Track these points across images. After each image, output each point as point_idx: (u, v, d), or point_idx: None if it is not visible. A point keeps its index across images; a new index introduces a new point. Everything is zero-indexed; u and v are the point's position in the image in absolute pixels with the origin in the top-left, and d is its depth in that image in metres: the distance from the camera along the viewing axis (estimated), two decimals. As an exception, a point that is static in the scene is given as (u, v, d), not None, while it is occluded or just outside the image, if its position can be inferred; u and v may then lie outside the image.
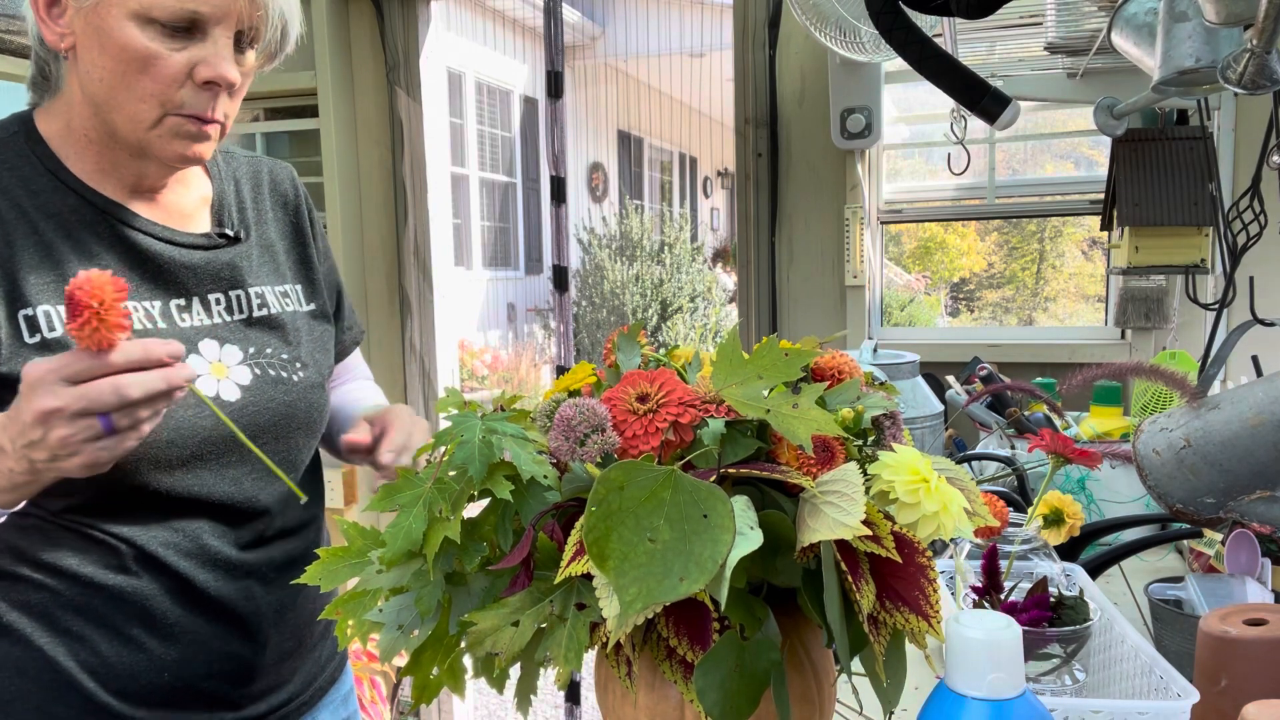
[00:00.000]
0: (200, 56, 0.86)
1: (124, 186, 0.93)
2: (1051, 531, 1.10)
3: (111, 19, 0.83)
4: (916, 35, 1.19)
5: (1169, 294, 2.23)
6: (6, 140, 0.90)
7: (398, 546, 0.59)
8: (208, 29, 0.86)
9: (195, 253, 0.96)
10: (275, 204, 1.08)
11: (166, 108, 0.86)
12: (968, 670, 0.56)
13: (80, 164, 0.91)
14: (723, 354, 0.60)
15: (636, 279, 9.30)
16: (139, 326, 0.90)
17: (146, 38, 0.84)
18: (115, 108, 0.87)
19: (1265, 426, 0.81)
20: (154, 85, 0.85)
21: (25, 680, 0.89)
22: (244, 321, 0.98)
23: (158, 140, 0.88)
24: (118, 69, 0.85)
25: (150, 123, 0.87)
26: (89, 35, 0.85)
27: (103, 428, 0.73)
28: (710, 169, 14.56)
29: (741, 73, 2.59)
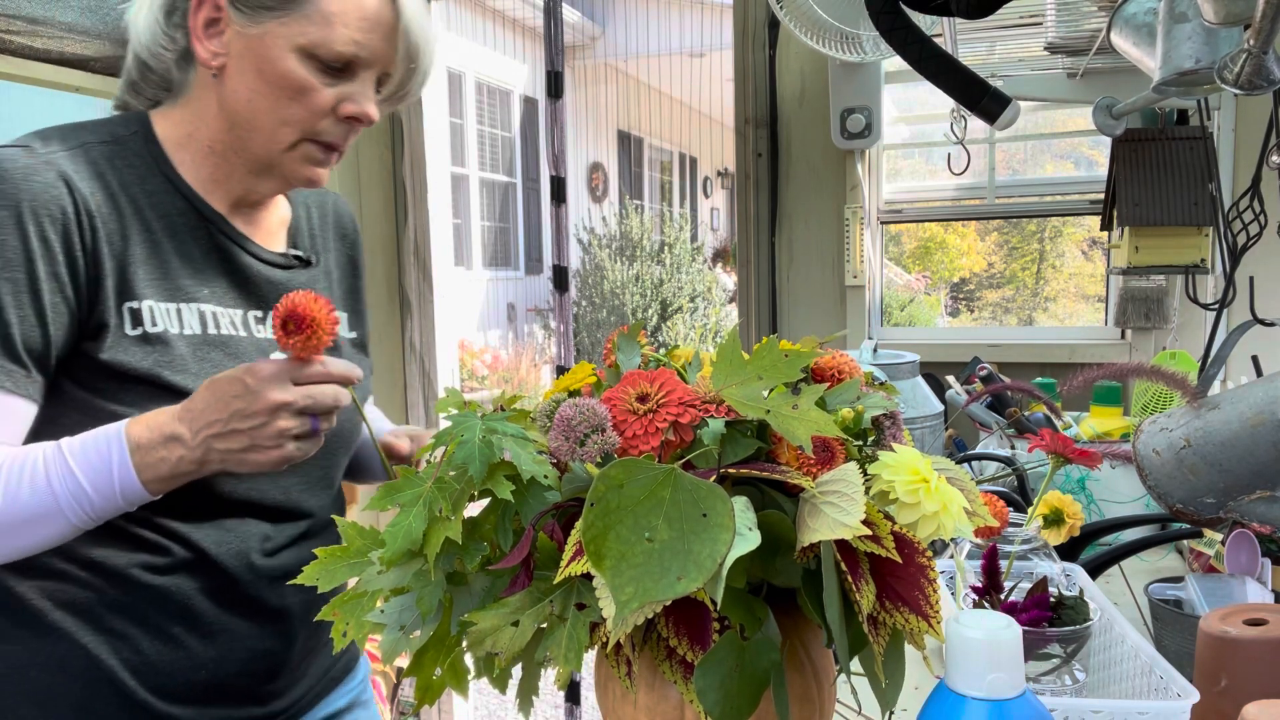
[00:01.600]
0: (348, 93, 0.93)
1: (228, 199, 0.99)
2: (1051, 531, 1.10)
3: (276, 49, 0.90)
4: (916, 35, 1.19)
5: (1169, 294, 2.23)
6: (127, 139, 0.94)
7: (398, 546, 0.59)
8: (358, 71, 0.93)
9: (276, 270, 1.02)
10: (336, 235, 1.15)
11: (306, 134, 0.93)
12: (968, 670, 0.56)
13: (193, 171, 0.96)
14: (723, 354, 0.60)
15: (636, 279, 9.30)
16: (226, 331, 0.96)
17: (306, 71, 0.91)
18: (257, 128, 0.93)
19: (1265, 426, 0.81)
20: (302, 113, 0.92)
21: (66, 677, 0.90)
22: None
23: (288, 161, 0.95)
24: (271, 94, 0.91)
25: (287, 145, 0.94)
26: (246, 59, 0.91)
27: (311, 427, 0.81)
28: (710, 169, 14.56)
29: (741, 73, 2.59)
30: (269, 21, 0.90)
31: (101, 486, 0.82)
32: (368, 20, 0.91)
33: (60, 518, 0.82)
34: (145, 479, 0.82)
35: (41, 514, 0.82)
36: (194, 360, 0.91)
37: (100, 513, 0.83)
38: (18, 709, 0.90)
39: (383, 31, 0.93)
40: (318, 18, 0.90)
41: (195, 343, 0.92)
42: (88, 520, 0.83)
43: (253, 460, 0.82)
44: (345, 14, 0.90)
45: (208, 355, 0.93)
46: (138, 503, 0.84)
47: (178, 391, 0.89)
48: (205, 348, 0.93)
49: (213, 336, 0.94)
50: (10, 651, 0.91)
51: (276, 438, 0.80)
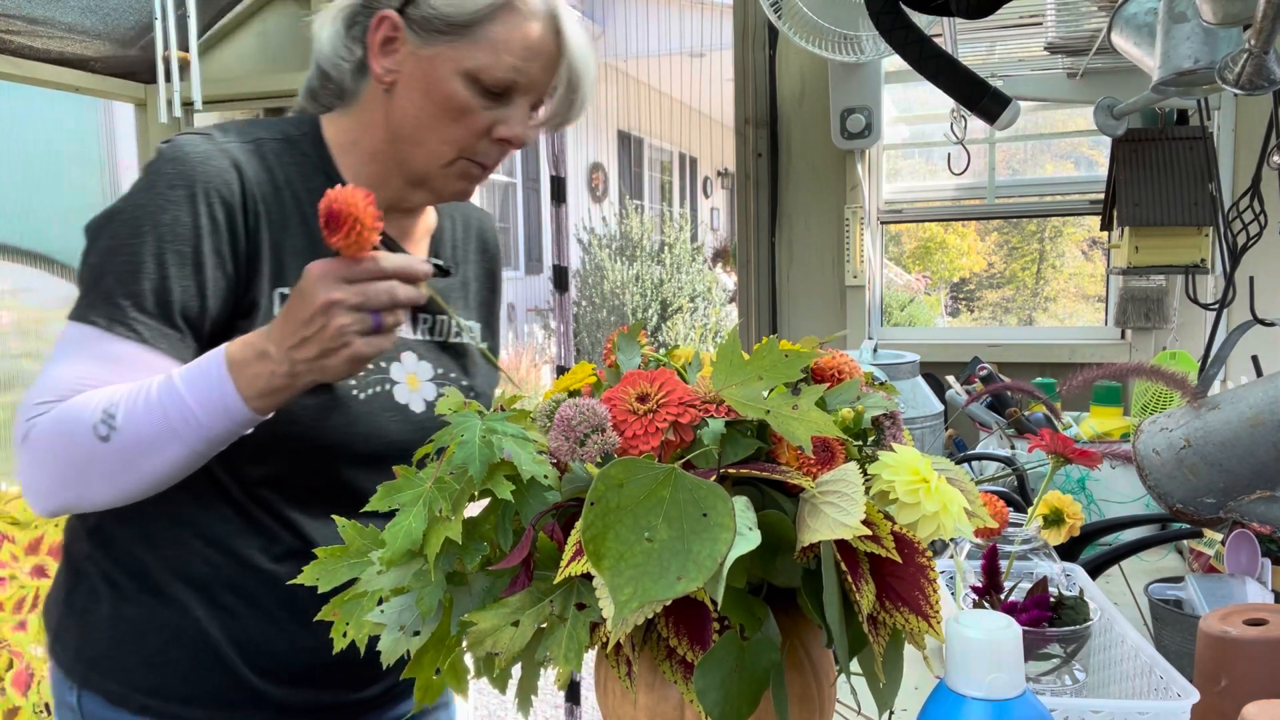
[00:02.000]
0: (504, 117, 0.98)
1: (383, 204, 1.01)
2: (1051, 531, 1.10)
3: (444, 71, 0.95)
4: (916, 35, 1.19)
5: (1169, 294, 2.23)
6: (298, 139, 1.01)
7: (398, 546, 0.59)
8: (515, 96, 0.98)
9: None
10: (478, 249, 1.20)
11: (463, 153, 0.99)
12: (968, 670, 0.56)
13: (354, 175, 1.02)
14: (723, 354, 0.60)
15: (636, 279, 9.30)
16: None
17: (468, 93, 0.95)
18: (418, 143, 0.98)
19: (1265, 426, 0.81)
20: (460, 133, 0.97)
21: (178, 645, 0.97)
22: (439, 345, 1.09)
23: (443, 177, 1.00)
24: (435, 113, 0.96)
25: (445, 162, 0.99)
26: (415, 78, 0.96)
27: (373, 324, 0.81)
28: (710, 169, 14.57)
29: (741, 73, 2.59)
30: (441, 45, 0.95)
31: (207, 404, 0.84)
32: (530, 50, 0.96)
33: (175, 440, 0.85)
34: (246, 395, 0.84)
35: (157, 438, 0.85)
36: None
37: (211, 433, 0.85)
38: (134, 669, 0.97)
39: (543, 61, 0.98)
40: (485, 44, 0.95)
41: None
42: (201, 442, 0.86)
43: (331, 366, 0.82)
44: (510, 42, 0.95)
45: None
46: (244, 420, 0.85)
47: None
48: None
49: None
50: (133, 614, 0.97)
51: (337, 337, 0.80)
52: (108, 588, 0.98)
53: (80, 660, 0.99)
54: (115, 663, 0.97)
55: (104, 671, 0.98)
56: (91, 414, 0.85)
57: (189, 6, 2.49)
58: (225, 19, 3.04)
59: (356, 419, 0.97)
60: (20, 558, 2.11)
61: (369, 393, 0.99)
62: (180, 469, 0.88)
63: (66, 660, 1.00)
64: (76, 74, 2.86)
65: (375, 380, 1.00)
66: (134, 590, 0.97)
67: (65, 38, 2.72)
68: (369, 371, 0.99)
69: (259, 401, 0.85)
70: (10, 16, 2.50)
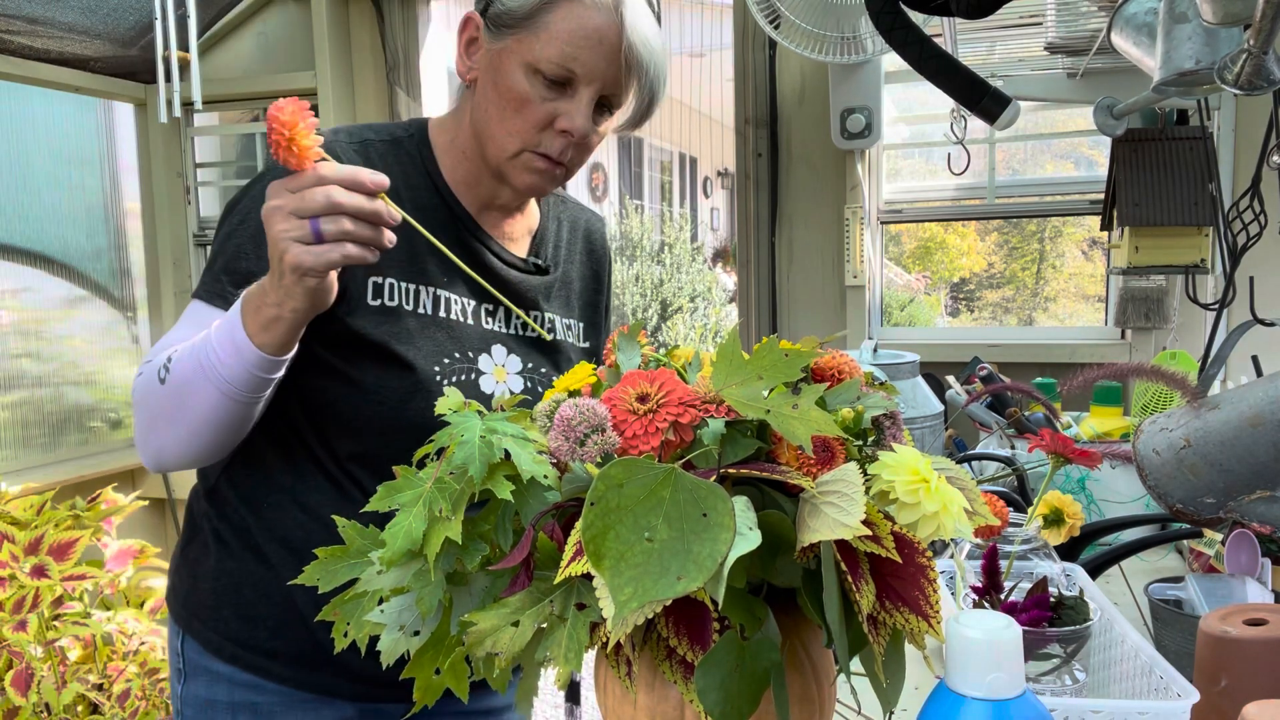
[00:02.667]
0: (564, 109, 0.99)
1: (479, 201, 1.08)
2: (1051, 531, 1.10)
3: (510, 63, 0.98)
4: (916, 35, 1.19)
5: (1169, 294, 2.23)
6: (404, 140, 1.07)
7: (398, 546, 0.59)
8: (578, 87, 0.99)
9: (513, 271, 1.10)
10: (584, 250, 1.23)
11: (526, 145, 1.00)
12: (968, 670, 0.56)
13: (452, 174, 1.07)
14: (723, 354, 0.60)
15: (636, 279, 9.30)
16: (455, 317, 1.05)
17: (529, 85, 0.98)
18: (489, 136, 1.02)
19: (1265, 426, 0.81)
20: (521, 124, 0.99)
21: (268, 603, 1.03)
22: (533, 341, 1.12)
23: (512, 169, 1.02)
24: (500, 104, 1.00)
25: (511, 153, 1.01)
26: (488, 73, 1.01)
27: (310, 229, 0.80)
28: (710, 169, 14.56)
29: (741, 73, 2.59)
30: (509, 38, 0.99)
31: (223, 342, 0.88)
32: (589, 39, 0.97)
33: (205, 380, 0.88)
34: (250, 330, 0.86)
35: (193, 378, 0.89)
36: (420, 336, 1.01)
37: (231, 372, 0.88)
38: (229, 620, 1.04)
39: (604, 50, 0.98)
40: (545, 35, 0.97)
41: (425, 321, 1.02)
42: (224, 383, 0.88)
43: (288, 287, 0.83)
44: (569, 32, 0.97)
45: (433, 335, 1.02)
46: (255, 360, 0.87)
47: (404, 362, 0.99)
48: (432, 327, 1.02)
49: (441, 319, 1.03)
50: (234, 568, 1.04)
51: (276, 244, 0.81)
52: (216, 543, 1.05)
53: (186, 608, 1.07)
54: (214, 612, 1.05)
55: (204, 620, 1.05)
56: (161, 360, 0.92)
57: (189, 6, 2.49)
58: (225, 19, 3.04)
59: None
60: (20, 558, 2.11)
61: (453, 380, 1.03)
62: (226, 413, 0.91)
63: (177, 607, 1.09)
64: (76, 74, 2.86)
65: (462, 368, 1.04)
66: (238, 547, 1.04)
67: (65, 38, 2.71)
68: (454, 360, 1.03)
69: (262, 336, 0.87)
70: (10, 16, 2.50)
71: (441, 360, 1.02)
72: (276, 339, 0.87)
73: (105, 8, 2.70)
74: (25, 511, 2.23)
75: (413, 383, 1.00)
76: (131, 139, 3.16)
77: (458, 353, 1.04)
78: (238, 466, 1.05)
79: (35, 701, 2.02)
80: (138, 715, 2.11)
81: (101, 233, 3.04)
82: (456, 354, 1.04)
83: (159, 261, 3.20)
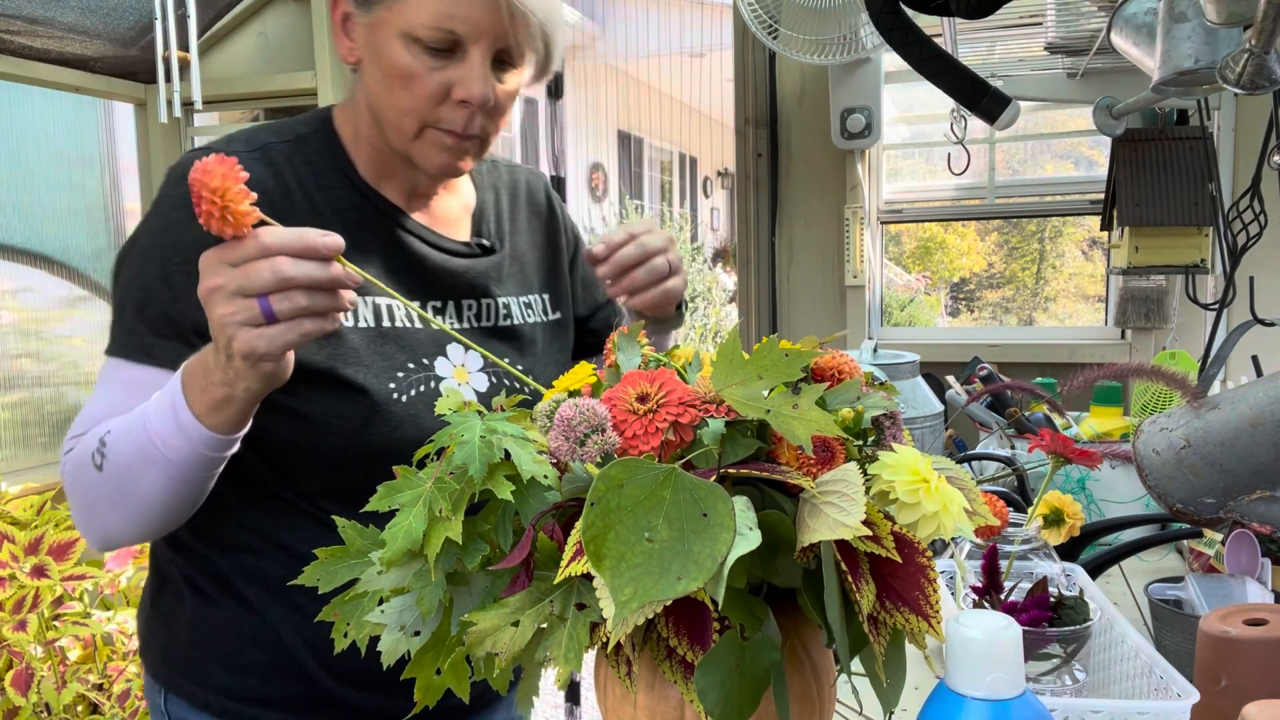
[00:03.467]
0: (457, 76, 0.89)
1: (401, 192, 0.99)
2: (1051, 531, 1.10)
3: (385, 36, 0.89)
4: (916, 35, 1.19)
5: (1169, 294, 2.23)
6: (309, 136, 0.97)
7: (398, 546, 0.59)
8: (467, 49, 0.89)
9: (456, 259, 1.01)
10: (529, 214, 1.13)
11: (426, 122, 0.91)
12: (968, 670, 0.56)
13: (367, 167, 0.98)
14: (723, 354, 0.60)
15: (636, 279, 9.27)
16: (401, 324, 0.96)
17: (410, 56, 0.88)
18: (385, 120, 0.93)
19: (1265, 426, 0.81)
20: (413, 101, 0.90)
21: (256, 648, 0.96)
22: (489, 330, 1.04)
23: (418, 151, 0.93)
24: (387, 82, 0.90)
25: (411, 134, 0.92)
26: (369, 51, 0.92)
27: (260, 310, 0.70)
28: (710, 169, 14.56)
29: (741, 73, 2.59)
30: (378, 9, 0.90)
31: (164, 425, 0.80)
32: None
33: (150, 465, 0.81)
34: (198, 411, 0.79)
35: (135, 463, 0.81)
36: (367, 353, 0.93)
37: (178, 454, 0.80)
38: (213, 672, 0.97)
39: (481, 3, 0.87)
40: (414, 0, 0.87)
41: (369, 336, 0.94)
42: (173, 466, 0.81)
43: (240, 371, 0.75)
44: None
45: (381, 349, 0.94)
46: (207, 440, 0.80)
47: (354, 386, 0.91)
48: (379, 341, 0.94)
49: (387, 330, 0.95)
50: (214, 616, 0.97)
51: (222, 330, 0.72)
52: (190, 591, 0.98)
53: (166, 663, 1.00)
54: (197, 665, 0.97)
55: (187, 674, 0.98)
56: (93, 445, 0.84)
57: (189, 6, 2.49)
58: (225, 19, 3.04)
59: (400, 423, 0.93)
60: (20, 558, 2.11)
61: (411, 394, 0.95)
62: (176, 494, 0.84)
63: (154, 663, 1.01)
64: (76, 74, 2.86)
65: (419, 379, 0.96)
66: (215, 593, 0.97)
67: (65, 38, 2.71)
68: (409, 372, 0.95)
69: (212, 418, 0.79)
70: (10, 16, 2.50)
71: (395, 375, 0.94)
72: (229, 419, 0.79)
73: (105, 8, 2.70)
74: (25, 511, 2.23)
75: (368, 406, 0.92)
76: (131, 139, 3.16)
77: (411, 363, 0.95)
78: (200, 514, 0.94)
79: (35, 701, 2.02)
80: (138, 715, 2.11)
81: (101, 233, 3.04)
82: (410, 364, 0.95)
83: (159, 261, 3.20)
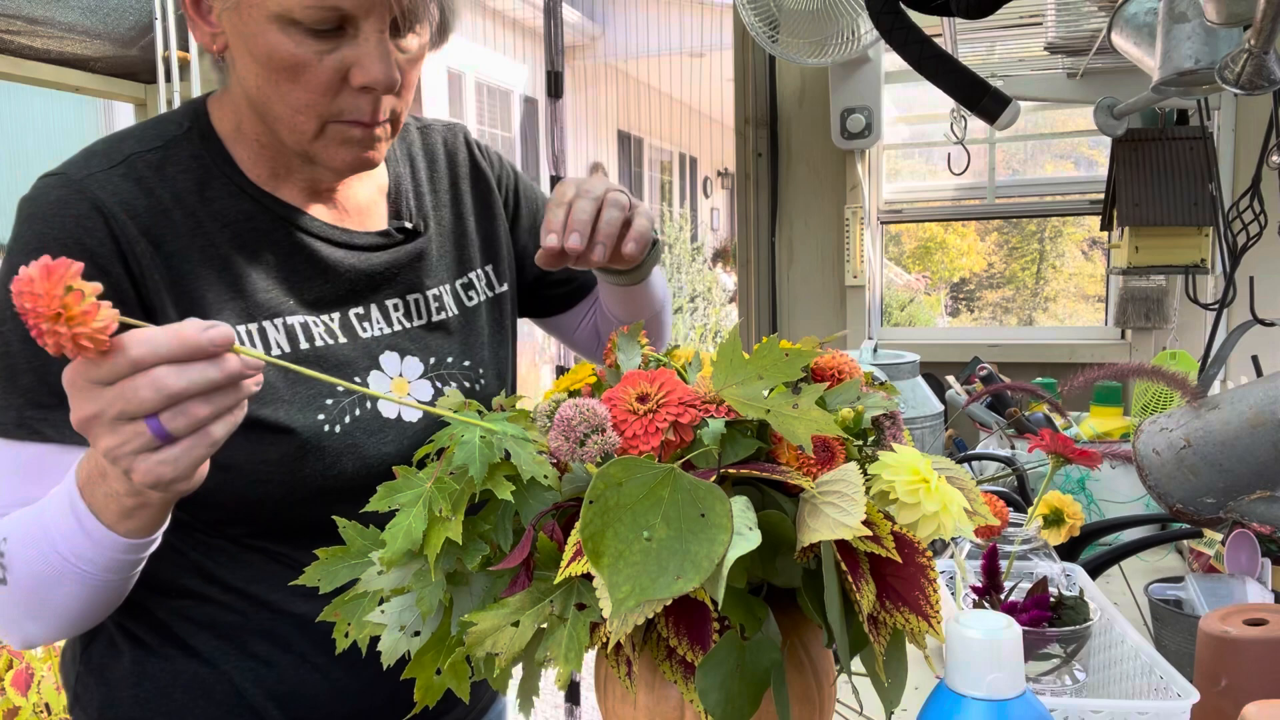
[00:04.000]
0: (353, 58, 0.76)
1: (299, 190, 0.87)
2: (1051, 531, 1.10)
3: (254, 23, 0.75)
4: (916, 35, 1.19)
5: (1169, 294, 2.23)
6: (179, 139, 0.83)
7: (398, 546, 0.59)
8: (358, 25, 0.76)
9: (374, 255, 0.89)
10: (450, 180, 0.99)
11: (325, 117, 0.79)
12: (968, 670, 0.56)
13: (254, 168, 0.85)
14: (723, 354, 0.60)
15: (636, 279, 9.29)
16: (320, 343, 0.84)
17: (292, 43, 0.75)
18: (274, 117, 0.80)
19: (1265, 426, 0.81)
20: (307, 95, 0.77)
21: (209, 703, 0.86)
22: (424, 327, 0.92)
23: (324, 150, 0.81)
24: (268, 76, 0.77)
25: (312, 134, 0.80)
26: (237, 38, 0.77)
27: (152, 432, 0.58)
28: (710, 169, 14.56)
29: (741, 73, 2.59)
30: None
31: (70, 537, 0.69)
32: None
33: (64, 578, 0.70)
34: (107, 521, 0.68)
35: (46, 576, 0.71)
36: (286, 387, 0.81)
37: (95, 563, 0.70)
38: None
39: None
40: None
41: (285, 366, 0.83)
42: (98, 573, 0.70)
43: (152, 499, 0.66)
44: None
45: (300, 378, 0.81)
46: (124, 545, 0.69)
47: (277, 427, 0.79)
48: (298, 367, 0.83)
49: (305, 353, 0.83)
50: (156, 669, 0.86)
51: (112, 460, 0.60)
52: (127, 641, 0.87)
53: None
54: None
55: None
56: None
57: (189, 6, 2.49)
58: (225, 19, 3.04)
59: (338, 457, 0.82)
60: (20, 558, 2.11)
61: (346, 421, 0.83)
62: (98, 598, 0.73)
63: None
64: (76, 74, 2.86)
65: (350, 405, 0.84)
66: (156, 643, 0.86)
67: (65, 38, 2.72)
68: (338, 399, 0.83)
69: (125, 524, 0.67)
70: (10, 16, 2.50)
71: (323, 404, 0.82)
72: (144, 524, 0.68)
73: (105, 8, 2.70)
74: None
75: (296, 446, 0.80)
76: (131, 139, 3.16)
77: (340, 387, 0.84)
78: None
79: (35, 701, 2.02)
80: (138, 715, 2.11)
81: (101, 233, 3.04)
82: (339, 389, 0.84)
83: (159, 261, 3.20)
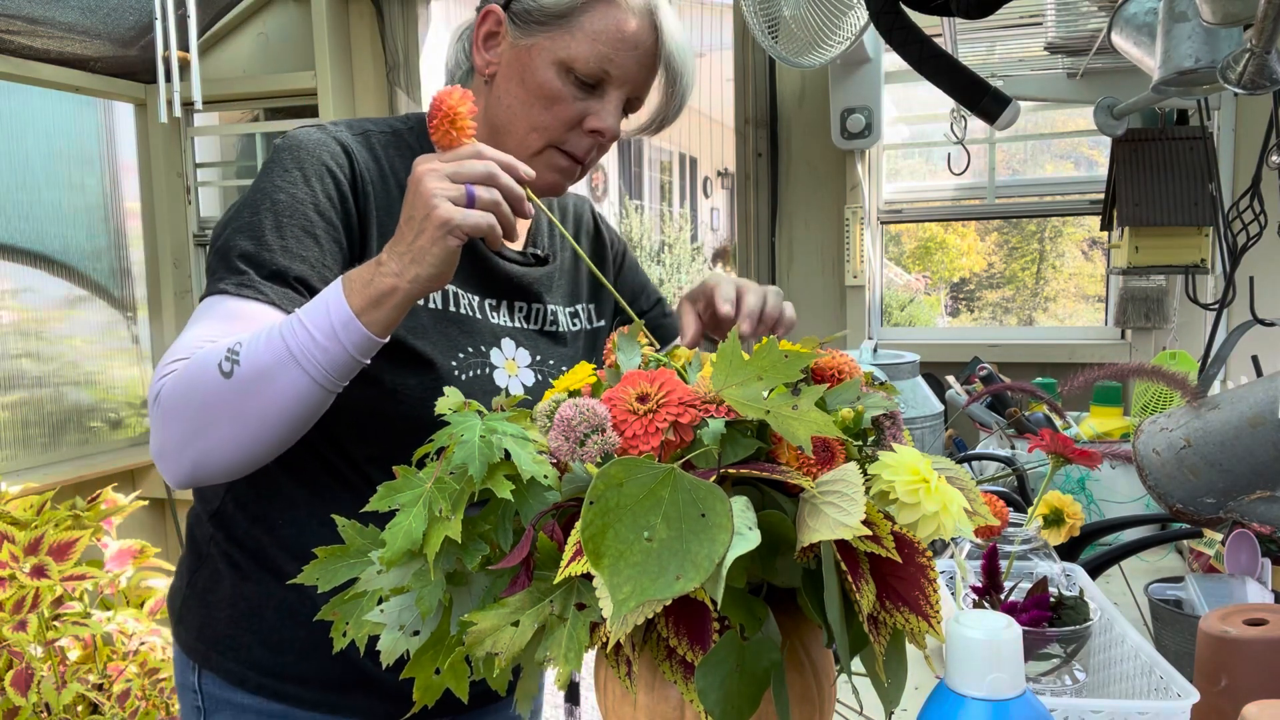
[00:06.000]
0: (594, 109, 1.00)
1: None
2: (1051, 531, 1.10)
3: (540, 60, 0.98)
4: (916, 35, 1.19)
5: (1169, 294, 2.23)
6: (403, 132, 1.05)
7: (398, 546, 0.59)
8: (608, 89, 1.00)
9: (513, 266, 1.09)
10: (575, 231, 1.23)
11: (552, 141, 1.01)
12: (968, 670, 0.56)
13: None
14: (723, 354, 0.60)
15: (637, 279, 9.29)
16: (465, 311, 1.03)
17: (561, 83, 0.98)
18: (510, 132, 1.01)
19: (1265, 426, 0.81)
20: (550, 121, 1.00)
21: (295, 624, 0.99)
22: (537, 331, 1.11)
23: (534, 166, 0.98)
24: (528, 100, 0.99)
25: (534, 151, 1.01)
26: (512, 68, 1.00)
27: (465, 193, 0.80)
28: (710, 169, 14.55)
29: (741, 73, 2.59)
30: (539, 35, 0.98)
31: (322, 325, 0.82)
32: (625, 42, 0.98)
33: (293, 365, 0.82)
34: (357, 308, 0.82)
35: (275, 365, 0.83)
36: (434, 330, 0.99)
37: (328, 355, 0.83)
38: (251, 648, 1.00)
39: (638, 55, 0.99)
40: (580, 35, 0.97)
41: (436, 316, 1.00)
42: (317, 367, 0.83)
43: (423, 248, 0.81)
44: (606, 33, 0.97)
45: (445, 329, 1.00)
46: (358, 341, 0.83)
47: (421, 358, 0.97)
48: (444, 322, 1.00)
49: (452, 314, 1.02)
50: (252, 592, 1.00)
51: (428, 202, 0.79)
52: (229, 568, 1.01)
53: (202, 640, 1.02)
54: (234, 641, 1.00)
55: (223, 650, 1.01)
56: (218, 354, 0.85)
57: (189, 6, 2.49)
58: (225, 19, 3.04)
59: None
60: (20, 558, 2.11)
61: (470, 374, 1.01)
62: (305, 408, 0.85)
63: (189, 641, 1.04)
64: (76, 74, 2.86)
65: (476, 363, 1.03)
66: (254, 569, 1.00)
67: (65, 38, 2.71)
68: (469, 354, 1.02)
69: (372, 313, 0.82)
70: (10, 16, 2.50)
71: (457, 355, 1.00)
72: (385, 316, 0.83)
73: (105, 8, 2.70)
74: (25, 511, 2.23)
75: (432, 378, 0.97)
76: (131, 139, 3.16)
77: (471, 347, 1.02)
78: (243, 485, 1.00)
79: (35, 701, 2.02)
80: (138, 715, 2.11)
81: (101, 233, 3.04)
82: (470, 348, 1.02)
83: (159, 261, 3.20)
